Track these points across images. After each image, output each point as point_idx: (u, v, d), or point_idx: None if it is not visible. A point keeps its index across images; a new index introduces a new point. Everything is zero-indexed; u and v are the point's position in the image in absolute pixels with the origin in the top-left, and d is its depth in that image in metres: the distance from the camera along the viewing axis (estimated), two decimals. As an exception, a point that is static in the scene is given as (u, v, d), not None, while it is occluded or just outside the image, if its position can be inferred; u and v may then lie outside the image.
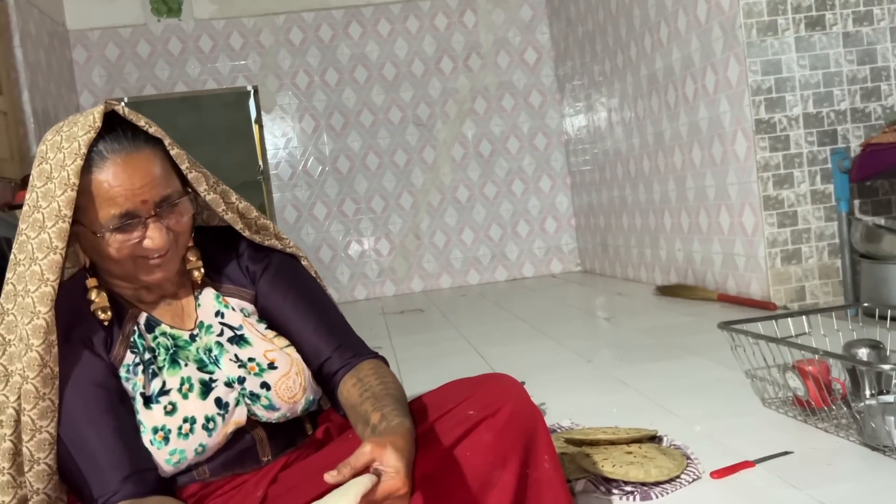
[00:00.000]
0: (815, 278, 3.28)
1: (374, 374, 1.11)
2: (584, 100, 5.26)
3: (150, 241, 1.04)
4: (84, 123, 1.01)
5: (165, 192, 1.05)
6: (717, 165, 3.59)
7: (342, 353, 1.16)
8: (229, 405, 1.11)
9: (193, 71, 5.40)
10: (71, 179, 0.99)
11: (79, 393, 1.04)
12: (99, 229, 1.02)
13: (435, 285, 5.67)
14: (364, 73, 5.54)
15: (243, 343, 1.15)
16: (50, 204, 1.00)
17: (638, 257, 4.70)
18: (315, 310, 1.19)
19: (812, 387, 1.68)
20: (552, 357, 2.79)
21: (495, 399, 1.07)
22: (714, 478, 1.48)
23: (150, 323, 1.14)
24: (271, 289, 1.19)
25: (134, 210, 1.03)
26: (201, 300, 1.18)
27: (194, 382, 1.10)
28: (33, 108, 4.26)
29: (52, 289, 1.01)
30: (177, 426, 1.06)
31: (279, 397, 1.13)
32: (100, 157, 1.01)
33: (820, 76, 3.23)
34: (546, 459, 1.08)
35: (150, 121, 1.07)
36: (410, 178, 5.62)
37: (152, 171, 1.04)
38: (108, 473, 1.01)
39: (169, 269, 1.09)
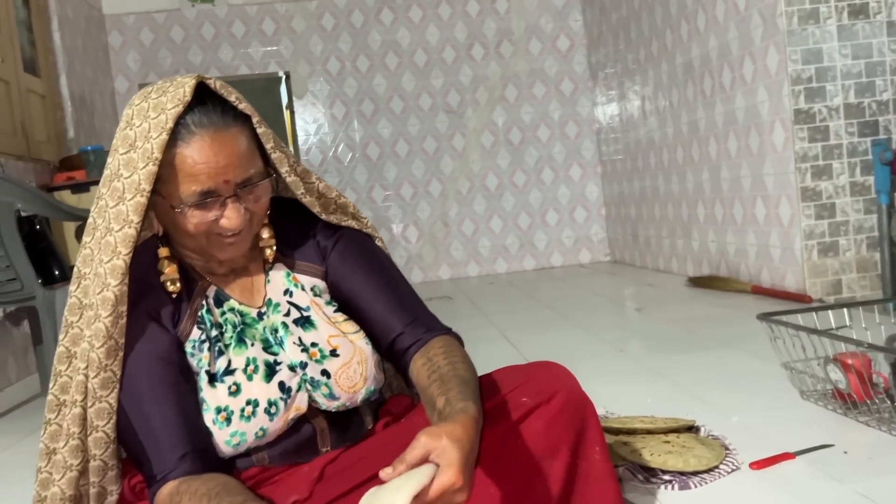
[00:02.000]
0: (853, 271, 3.23)
1: (443, 352, 1.07)
2: (616, 88, 5.20)
3: (226, 221, 1.03)
4: (174, 95, 0.99)
5: (248, 174, 1.03)
6: (754, 156, 3.53)
7: (414, 329, 1.12)
8: (292, 390, 1.09)
9: (226, 56, 5.43)
10: (154, 153, 0.97)
11: (142, 366, 1.03)
12: (178, 203, 1.01)
13: (462, 273, 5.67)
14: (395, 59, 5.53)
15: (308, 326, 1.13)
16: (131, 175, 0.99)
17: (669, 248, 4.66)
18: (387, 283, 1.16)
19: (854, 380, 1.65)
20: (583, 346, 2.78)
21: (548, 387, 1.06)
22: (753, 469, 1.46)
23: (219, 297, 1.12)
24: (342, 261, 1.17)
25: (215, 189, 1.01)
26: (271, 277, 1.15)
27: (259, 364, 1.08)
28: (70, 92, 4.31)
29: (123, 262, 1.00)
30: (239, 408, 1.05)
31: (339, 386, 1.11)
32: (187, 131, 0.99)
33: (862, 66, 3.17)
34: (597, 451, 1.07)
35: (240, 96, 1.05)
36: (440, 165, 5.61)
37: (237, 150, 1.02)
38: (165, 450, 1.01)
39: (241, 247, 1.08)
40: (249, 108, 1.05)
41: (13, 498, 1.73)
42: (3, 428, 2.48)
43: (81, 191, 3.66)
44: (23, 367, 3.13)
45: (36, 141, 3.81)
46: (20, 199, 2.36)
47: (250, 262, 1.16)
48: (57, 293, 2.38)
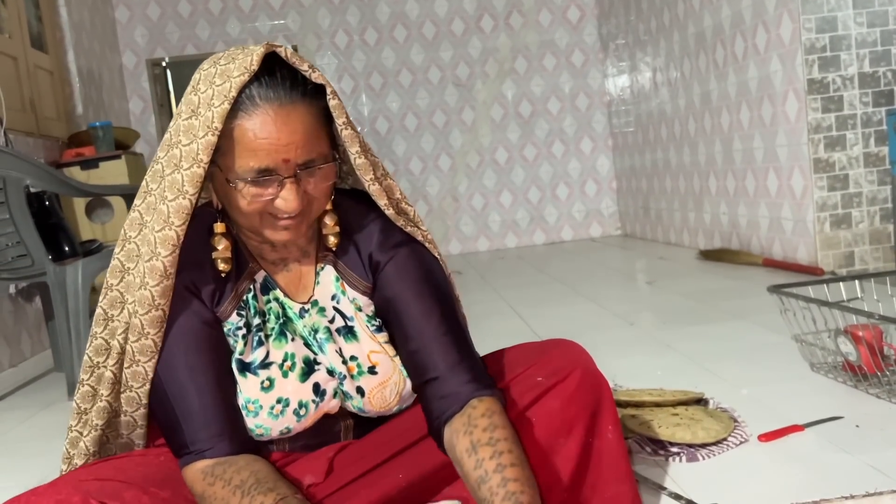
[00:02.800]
0: (866, 243, 3.20)
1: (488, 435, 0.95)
2: (627, 59, 5.14)
3: (282, 202, 0.96)
4: (241, 63, 0.93)
5: (310, 155, 0.96)
6: (767, 127, 3.49)
7: (457, 376, 1.01)
8: (326, 394, 1.05)
9: (234, 30, 5.40)
10: (214, 123, 0.92)
11: (183, 338, 1.01)
12: (233, 178, 0.96)
13: (472, 248, 5.66)
14: (403, 31, 5.48)
15: (350, 337, 1.08)
16: (190, 143, 0.94)
17: (681, 221, 4.63)
18: (438, 311, 1.05)
19: (865, 352, 1.64)
20: (594, 320, 2.77)
21: (564, 365, 1.05)
22: (762, 441, 1.46)
23: (266, 284, 1.07)
24: (394, 276, 1.07)
25: (273, 167, 0.95)
26: (321, 277, 1.09)
27: (298, 361, 1.04)
28: (78, 68, 4.30)
29: (175, 234, 0.96)
30: (269, 405, 1.02)
31: (371, 404, 1.07)
32: (251, 103, 0.93)
33: (878, 34, 3.11)
34: (610, 430, 1.06)
35: (313, 65, 0.98)
36: (449, 139, 5.58)
37: (302, 128, 0.95)
38: (201, 426, 0.99)
39: (296, 232, 1.01)
40: (323, 78, 0.98)
41: (31, 470, 1.75)
42: (19, 402, 2.51)
43: (90, 167, 3.67)
44: (37, 342, 3.16)
45: (45, 117, 3.81)
46: (30, 176, 2.37)
47: (303, 256, 1.09)
48: (67, 269, 2.39)
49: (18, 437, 2.11)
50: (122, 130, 4.14)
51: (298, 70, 0.96)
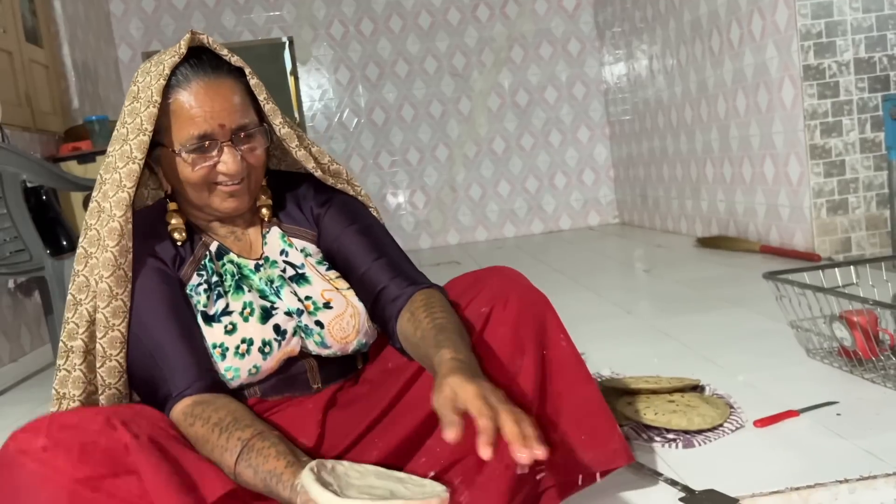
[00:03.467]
0: (862, 229, 3.21)
1: (425, 307, 1.09)
2: (624, 47, 5.13)
3: (223, 166, 1.10)
4: (172, 51, 1.10)
5: (243, 121, 1.11)
6: (763, 113, 3.49)
7: (399, 282, 1.16)
8: (287, 333, 1.15)
9: (229, 22, 5.38)
10: (154, 97, 1.07)
11: (149, 297, 1.10)
12: (178, 148, 1.09)
13: (471, 238, 5.66)
14: (399, 22, 5.47)
15: (303, 282, 1.19)
16: (134, 120, 1.08)
17: (678, 208, 4.64)
18: (374, 243, 1.21)
19: (860, 337, 1.65)
20: (591, 308, 2.78)
21: (501, 291, 1.13)
22: (758, 426, 1.47)
23: (220, 251, 1.19)
24: (332, 223, 1.23)
25: (211, 132, 1.09)
26: (268, 238, 1.22)
27: (256, 308, 1.14)
28: (73, 62, 4.29)
29: (127, 194, 1.07)
30: (234, 345, 1.11)
31: (331, 336, 1.16)
32: (184, 80, 1.08)
33: (873, 19, 3.11)
34: (561, 338, 1.13)
35: (232, 52, 1.14)
36: (446, 129, 5.58)
37: (231, 98, 1.10)
38: (179, 371, 1.07)
39: (242, 200, 1.15)
40: (241, 62, 1.13)
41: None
42: (19, 397, 2.52)
43: (87, 161, 3.66)
44: (36, 336, 3.17)
45: (41, 111, 3.81)
46: (26, 171, 2.37)
47: (249, 226, 1.23)
48: (66, 263, 2.40)
49: (19, 431, 2.11)
50: (119, 124, 4.13)
51: (219, 54, 1.12)
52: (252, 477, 0.97)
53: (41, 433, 0.91)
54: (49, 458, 0.89)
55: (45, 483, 0.88)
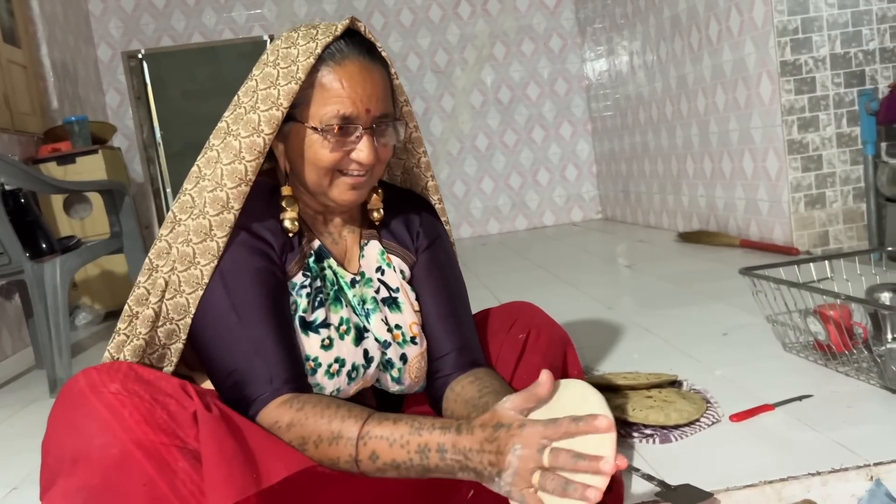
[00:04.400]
0: (840, 223, 3.25)
1: (491, 376, 1.11)
2: (605, 43, 5.16)
3: (359, 153, 1.03)
4: (325, 30, 1.03)
5: (387, 110, 1.05)
6: (741, 109, 3.52)
7: (461, 355, 1.14)
8: (373, 361, 1.10)
9: (209, 21, 5.35)
10: (298, 73, 1.00)
11: (254, 281, 1.02)
12: (318, 125, 1.02)
13: (455, 235, 5.67)
14: (381, 19, 5.46)
15: (394, 307, 1.14)
16: (268, 89, 1.01)
17: (660, 204, 4.67)
18: (452, 302, 1.18)
19: (833, 331, 1.68)
20: (573, 304, 2.80)
21: (533, 322, 1.22)
22: (733, 421, 1.49)
23: (321, 253, 1.12)
24: (425, 266, 1.18)
25: (357, 115, 1.02)
26: (366, 251, 1.16)
27: (352, 326, 1.09)
28: (52, 62, 4.26)
29: (244, 167, 1.01)
30: (328, 363, 1.05)
31: (409, 374, 1.13)
32: (341, 55, 1.02)
33: (848, 15, 3.14)
34: (576, 375, 1.22)
35: (383, 46, 1.10)
36: (429, 127, 5.58)
37: (381, 85, 1.04)
38: (276, 370, 0.99)
39: (361, 193, 1.08)
40: (390, 59, 1.09)
41: (13, 469, 1.75)
42: (1, 401, 2.50)
43: (67, 162, 3.64)
44: (17, 340, 3.16)
45: (20, 112, 3.78)
46: (4, 174, 2.35)
47: (349, 231, 1.17)
48: (45, 266, 2.38)
49: (1, 436, 2.11)
50: (99, 125, 4.11)
51: (374, 42, 1.07)
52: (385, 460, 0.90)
53: (117, 378, 0.87)
54: (117, 405, 0.85)
55: (105, 430, 0.83)
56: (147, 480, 0.83)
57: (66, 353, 2.39)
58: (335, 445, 0.91)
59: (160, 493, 0.83)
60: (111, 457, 0.82)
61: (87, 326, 3.64)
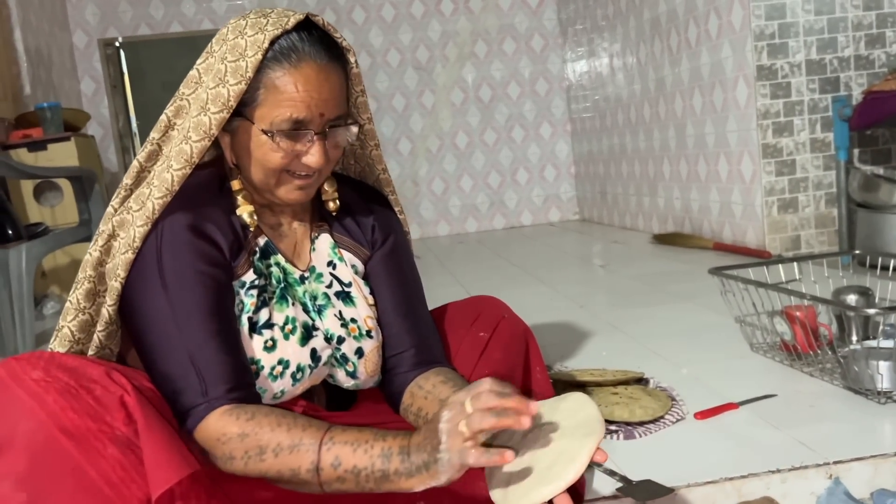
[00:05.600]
0: (812, 227, 3.28)
1: (459, 377, 1.10)
2: (586, 44, 5.17)
3: (310, 158, 0.99)
4: (276, 21, 0.96)
5: (340, 112, 1.01)
6: (718, 112, 3.55)
7: (420, 353, 1.12)
8: (320, 360, 1.07)
9: (188, 10, 5.30)
10: (247, 72, 0.95)
11: (196, 280, 0.97)
12: (268, 128, 0.97)
13: (432, 233, 5.66)
14: (362, 14, 5.44)
15: (348, 301, 1.11)
16: (217, 87, 0.96)
17: (636, 205, 4.69)
18: (410, 299, 1.15)
19: (799, 331, 1.69)
20: (545, 302, 2.80)
21: (494, 319, 1.21)
22: (698, 419, 1.50)
23: (267, 248, 1.08)
24: (381, 262, 1.15)
25: (309, 120, 0.98)
26: (317, 244, 1.13)
27: (298, 325, 1.05)
28: (26, 47, 4.19)
29: (189, 170, 0.98)
30: (270, 365, 1.01)
31: (365, 368, 1.10)
32: (297, 56, 0.96)
33: (825, 21, 3.17)
34: (538, 371, 1.22)
35: (342, 35, 1.03)
36: (409, 123, 5.57)
37: (337, 87, 0.99)
38: (214, 378, 0.94)
39: (308, 192, 1.05)
40: (350, 48, 1.03)
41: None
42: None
43: (38, 149, 3.58)
44: (-18, 327, 3.10)
45: (-10, 97, 3.72)
46: (-31, 157, 2.31)
47: (297, 222, 1.12)
48: (10, 252, 2.34)
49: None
50: (72, 112, 4.05)
51: (332, 35, 1.00)
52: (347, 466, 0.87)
53: (39, 366, 0.85)
54: (40, 392, 0.82)
55: (30, 416, 0.81)
56: (75, 466, 0.81)
57: (30, 340, 2.35)
58: (296, 453, 0.89)
59: (89, 479, 0.81)
60: (37, 443, 0.81)
61: (55, 316, 3.59)
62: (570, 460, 0.86)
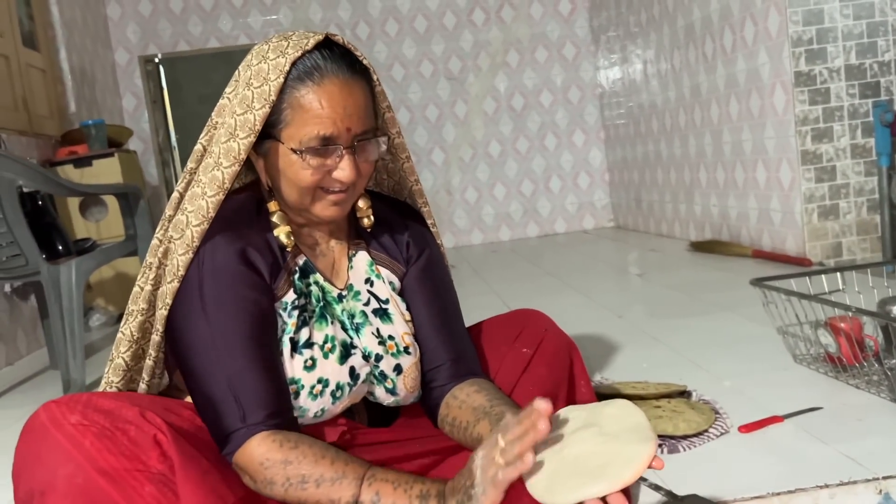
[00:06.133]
0: (853, 234, 3.23)
1: (494, 386, 1.12)
2: (619, 52, 5.16)
3: (340, 172, 1.01)
4: (297, 43, 0.99)
5: (367, 126, 1.03)
6: (755, 119, 3.52)
7: (457, 365, 1.13)
8: (359, 378, 1.08)
9: (226, 26, 5.40)
10: (270, 95, 0.98)
11: (238, 311, 1.00)
12: (297, 146, 1.00)
13: (466, 241, 5.68)
14: (395, 26, 5.49)
15: (386, 318, 1.13)
16: (245, 114, 0.99)
17: (672, 212, 4.66)
18: (445, 312, 1.17)
19: (844, 343, 1.67)
20: (583, 313, 2.80)
21: (538, 335, 1.21)
22: (742, 432, 1.49)
23: (306, 268, 1.10)
24: (417, 278, 1.17)
25: (337, 135, 1.00)
26: (354, 262, 1.15)
27: (337, 344, 1.07)
28: (70, 66, 4.31)
29: (223, 196, 1.01)
30: (310, 384, 1.03)
31: (404, 385, 1.11)
32: (318, 74, 0.98)
33: (864, 26, 3.13)
34: (583, 384, 1.22)
35: (364, 54, 1.06)
36: (442, 133, 5.60)
37: (362, 101, 1.01)
38: (254, 404, 0.97)
39: (344, 208, 1.06)
40: (371, 66, 1.06)
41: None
42: (15, 401, 2.53)
43: (84, 165, 3.68)
44: (32, 340, 3.19)
45: (38, 115, 3.83)
46: (22, 177, 2.38)
47: (334, 241, 1.15)
48: (61, 268, 2.41)
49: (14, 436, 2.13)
50: (115, 128, 4.15)
51: (353, 52, 1.03)
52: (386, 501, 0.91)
53: (77, 410, 0.89)
54: (78, 436, 0.87)
55: (68, 461, 0.86)
56: None
57: (80, 354, 2.42)
58: (338, 485, 0.92)
59: None
60: (76, 486, 0.85)
61: (101, 328, 3.68)
62: (627, 461, 0.88)
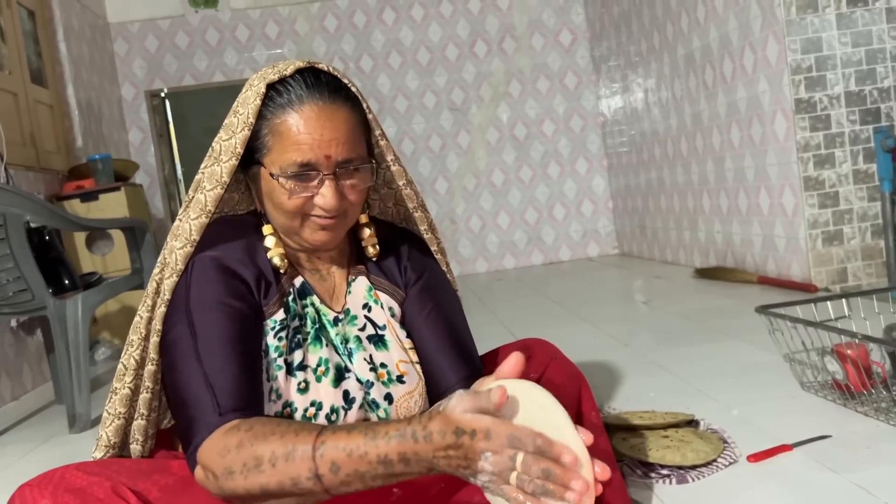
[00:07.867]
0: (858, 259, 3.23)
1: None
2: (620, 80, 5.20)
3: (321, 199, 1.01)
4: (278, 69, 1.02)
5: (350, 155, 1.02)
6: (757, 146, 3.53)
7: (470, 386, 1.09)
8: (354, 402, 1.07)
9: (231, 61, 5.47)
10: (249, 119, 1.01)
11: (220, 315, 1.00)
12: (277, 172, 1.01)
13: (471, 270, 5.69)
14: (398, 58, 5.56)
15: (380, 345, 1.12)
16: (229, 139, 1.02)
17: (676, 239, 4.67)
18: (453, 332, 1.15)
19: (851, 370, 1.66)
20: (589, 341, 2.79)
21: (545, 362, 1.21)
22: (751, 461, 1.48)
23: (303, 289, 1.10)
24: (417, 300, 1.16)
25: (315, 162, 1.00)
26: (353, 287, 1.14)
27: (331, 367, 1.06)
28: (77, 101, 4.37)
29: (207, 219, 1.04)
30: (303, 407, 1.03)
31: (396, 414, 1.09)
32: (297, 100, 1.00)
33: (862, 53, 3.16)
34: (593, 415, 1.21)
35: (352, 82, 1.06)
36: (445, 163, 5.64)
37: (344, 128, 1.01)
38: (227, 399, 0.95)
39: (334, 236, 1.06)
40: (359, 94, 1.06)
41: (29, 505, 1.76)
42: (21, 436, 2.53)
43: (90, 199, 3.71)
44: (38, 374, 3.19)
45: (45, 151, 3.87)
46: (29, 212, 2.40)
47: (335, 267, 1.15)
48: (67, 303, 2.42)
49: (20, 472, 2.12)
50: (122, 162, 4.19)
51: (340, 79, 1.04)
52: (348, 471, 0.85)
53: (47, 492, 0.91)
54: None
55: None
56: None
57: (85, 388, 2.42)
58: (292, 461, 0.86)
59: None
60: None
61: (107, 361, 3.67)
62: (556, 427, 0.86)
